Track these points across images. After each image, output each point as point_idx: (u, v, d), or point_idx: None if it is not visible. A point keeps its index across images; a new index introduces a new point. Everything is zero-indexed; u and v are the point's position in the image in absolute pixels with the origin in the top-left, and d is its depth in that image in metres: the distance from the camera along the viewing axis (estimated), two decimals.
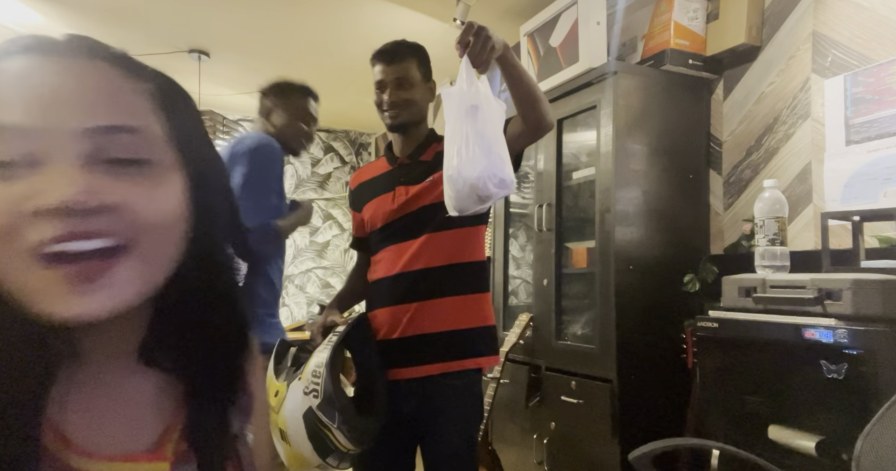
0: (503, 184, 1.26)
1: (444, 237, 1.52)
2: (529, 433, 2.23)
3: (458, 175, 1.24)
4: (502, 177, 1.25)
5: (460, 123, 1.26)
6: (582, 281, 2.25)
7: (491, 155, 1.24)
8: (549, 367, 2.18)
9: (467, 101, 1.26)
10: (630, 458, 1.24)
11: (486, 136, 1.26)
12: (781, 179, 1.93)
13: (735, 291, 1.49)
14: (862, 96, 1.72)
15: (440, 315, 1.49)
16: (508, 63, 1.37)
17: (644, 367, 1.93)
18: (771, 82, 2.00)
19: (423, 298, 1.49)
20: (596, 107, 2.06)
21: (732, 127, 2.13)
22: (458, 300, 1.52)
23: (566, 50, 2.24)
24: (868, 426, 0.98)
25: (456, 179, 1.25)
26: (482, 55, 1.29)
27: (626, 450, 1.54)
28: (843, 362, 1.20)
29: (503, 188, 1.27)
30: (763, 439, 1.33)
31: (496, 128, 1.29)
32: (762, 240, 1.51)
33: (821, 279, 1.31)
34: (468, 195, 1.25)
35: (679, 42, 2.11)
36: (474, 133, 1.24)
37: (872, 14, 1.72)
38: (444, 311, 1.50)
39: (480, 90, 1.27)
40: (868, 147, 1.69)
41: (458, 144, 1.25)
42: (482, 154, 1.24)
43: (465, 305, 1.53)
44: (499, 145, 1.28)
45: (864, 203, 1.67)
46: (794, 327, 1.29)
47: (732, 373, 1.47)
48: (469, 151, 1.24)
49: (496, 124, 1.29)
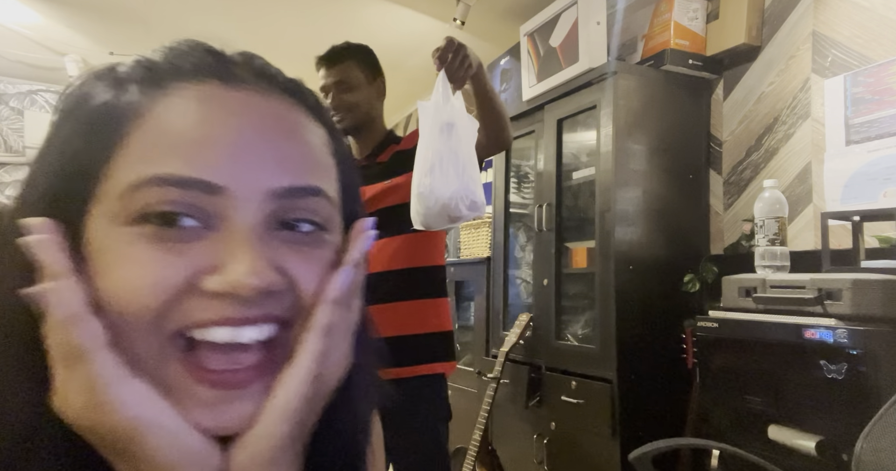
0: (474, 206, 1.26)
1: (401, 241, 1.51)
2: (529, 433, 2.23)
3: (430, 193, 1.23)
4: (474, 199, 1.25)
5: (434, 139, 1.26)
6: (582, 281, 2.25)
7: (464, 176, 1.24)
8: (549, 367, 2.18)
9: (443, 118, 1.25)
10: (630, 458, 1.24)
11: (461, 155, 1.25)
12: (781, 179, 1.93)
13: (735, 292, 1.49)
14: (862, 96, 1.72)
15: (395, 320, 1.47)
16: (481, 82, 1.39)
17: (644, 367, 1.92)
18: (771, 82, 2.00)
19: (379, 302, 1.45)
20: (596, 107, 2.06)
21: (732, 127, 2.13)
22: (415, 305, 1.50)
23: (566, 50, 2.24)
24: (868, 426, 0.98)
25: (427, 197, 1.24)
26: (459, 72, 1.30)
27: (626, 450, 1.54)
28: (843, 362, 1.20)
29: (474, 210, 1.27)
30: (763, 439, 1.33)
31: (470, 147, 1.29)
32: (762, 240, 1.51)
33: (821, 279, 1.31)
34: (438, 214, 1.24)
35: (679, 42, 2.10)
36: (448, 152, 1.24)
37: (872, 14, 1.72)
38: (399, 315, 1.48)
39: (455, 107, 1.27)
40: (868, 147, 1.69)
41: (431, 161, 1.24)
42: (455, 175, 1.23)
43: (422, 310, 1.51)
44: (472, 166, 1.27)
45: (864, 203, 1.67)
46: (794, 327, 1.29)
47: (732, 373, 1.46)
48: (443, 171, 1.23)
49: (470, 143, 1.29)
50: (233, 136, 0.34)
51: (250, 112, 0.35)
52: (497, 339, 2.51)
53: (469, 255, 2.92)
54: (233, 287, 0.32)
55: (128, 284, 0.31)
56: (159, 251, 0.32)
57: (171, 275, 0.32)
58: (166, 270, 0.32)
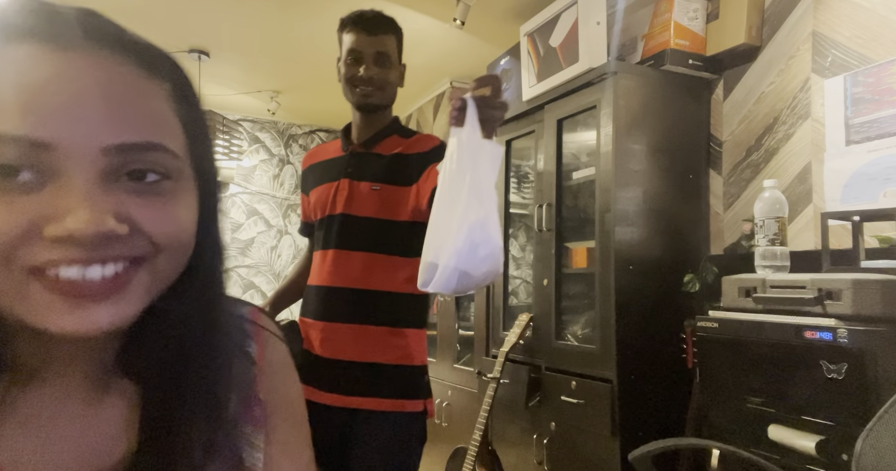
0: (496, 276, 0.97)
1: (381, 261, 1.37)
2: (529, 433, 2.23)
3: (455, 266, 0.91)
4: (500, 271, 0.97)
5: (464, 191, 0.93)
6: (582, 281, 2.25)
7: (497, 249, 0.94)
8: (549, 367, 2.18)
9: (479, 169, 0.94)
10: (630, 458, 1.24)
11: (491, 220, 0.93)
12: (781, 179, 1.93)
13: (735, 291, 1.49)
14: (862, 96, 1.72)
15: (355, 343, 1.34)
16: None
17: (644, 367, 1.92)
18: (771, 82, 2.00)
19: (347, 321, 1.35)
20: (596, 107, 2.06)
21: (732, 127, 2.13)
22: (382, 331, 1.35)
23: (566, 50, 2.24)
24: (868, 426, 0.98)
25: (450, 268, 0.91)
26: (493, 125, 0.98)
27: (626, 450, 1.54)
28: (843, 362, 1.20)
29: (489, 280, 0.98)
30: (763, 439, 1.33)
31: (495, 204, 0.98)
32: (762, 240, 1.51)
33: (821, 279, 1.31)
34: (459, 283, 0.93)
35: (679, 42, 2.11)
36: (484, 215, 0.92)
37: (872, 14, 1.72)
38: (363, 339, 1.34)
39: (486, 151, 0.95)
40: (868, 147, 1.69)
41: (460, 223, 0.91)
42: (489, 250, 0.92)
43: (393, 339, 1.36)
44: (498, 233, 0.95)
45: (864, 203, 1.67)
46: (794, 327, 1.29)
47: (732, 373, 1.46)
48: (476, 240, 0.91)
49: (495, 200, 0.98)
50: (61, 97, 0.37)
51: (80, 74, 0.38)
52: (497, 339, 2.52)
53: None
54: (70, 233, 0.36)
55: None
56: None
57: (10, 222, 0.36)
58: (6, 217, 0.36)
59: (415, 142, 1.45)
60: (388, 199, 1.38)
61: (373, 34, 1.39)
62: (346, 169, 1.43)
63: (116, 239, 0.39)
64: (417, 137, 1.48)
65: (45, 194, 0.37)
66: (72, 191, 0.37)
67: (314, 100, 4.18)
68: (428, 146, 1.43)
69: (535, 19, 2.43)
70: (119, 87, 0.40)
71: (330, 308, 1.37)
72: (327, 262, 1.40)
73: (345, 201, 1.40)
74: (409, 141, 1.46)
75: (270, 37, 3.13)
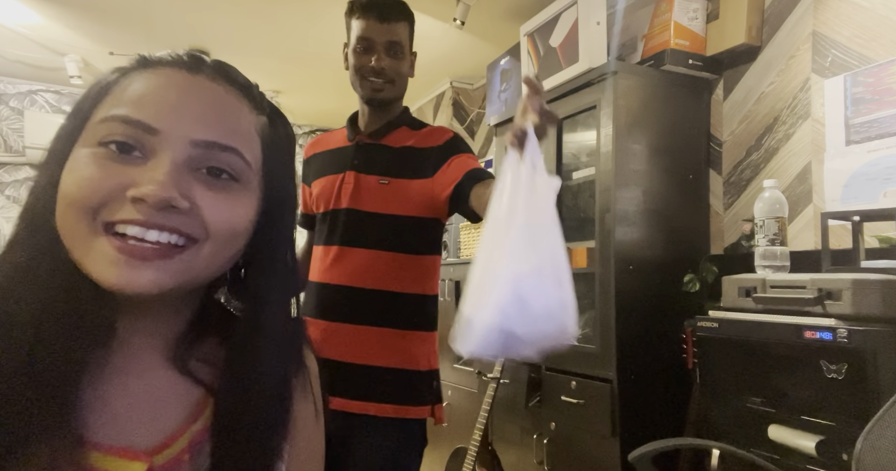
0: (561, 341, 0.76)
1: (387, 259, 1.30)
2: (529, 433, 2.23)
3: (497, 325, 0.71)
4: (568, 334, 0.76)
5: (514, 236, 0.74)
6: (582, 281, 2.25)
7: (558, 306, 0.77)
8: (549, 367, 2.18)
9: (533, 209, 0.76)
10: (630, 458, 1.24)
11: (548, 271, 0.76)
12: (781, 179, 1.93)
13: (735, 291, 1.49)
14: (862, 96, 1.72)
15: (357, 345, 1.29)
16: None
17: (644, 367, 1.92)
18: (771, 82, 2.00)
19: (348, 321, 1.30)
20: (596, 107, 2.05)
21: (732, 127, 2.13)
22: (386, 333, 1.30)
23: (566, 50, 2.24)
24: (868, 426, 0.98)
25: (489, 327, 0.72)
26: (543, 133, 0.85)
27: (626, 450, 1.54)
28: (843, 362, 1.20)
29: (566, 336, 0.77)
30: (763, 439, 1.33)
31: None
32: (762, 240, 1.51)
33: (821, 279, 1.31)
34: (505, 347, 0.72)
35: (679, 42, 2.11)
36: (538, 264, 0.74)
37: (872, 14, 1.72)
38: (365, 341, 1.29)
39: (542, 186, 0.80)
40: (868, 147, 1.69)
41: (504, 274, 0.72)
42: (545, 308, 0.75)
43: (396, 341, 1.30)
44: (561, 287, 0.77)
45: (864, 203, 1.67)
46: (794, 327, 1.29)
47: (732, 373, 1.46)
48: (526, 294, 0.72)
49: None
50: (177, 99, 0.50)
51: (197, 88, 0.52)
52: None
53: (469, 255, 2.92)
54: (142, 194, 0.46)
55: (77, 183, 0.47)
56: (104, 166, 0.47)
57: (106, 180, 0.47)
58: (104, 178, 0.47)
59: (427, 134, 1.39)
60: (397, 193, 1.33)
61: (385, 21, 1.31)
62: (353, 161, 1.37)
63: (177, 212, 0.47)
64: (429, 129, 1.42)
65: (142, 168, 0.47)
66: (160, 167, 0.47)
67: (314, 100, 4.17)
68: (443, 139, 1.37)
69: (535, 19, 2.43)
70: (220, 104, 0.52)
71: (331, 307, 1.32)
72: (330, 258, 1.34)
73: (350, 195, 1.34)
74: (421, 133, 1.39)
75: (270, 37, 3.13)
